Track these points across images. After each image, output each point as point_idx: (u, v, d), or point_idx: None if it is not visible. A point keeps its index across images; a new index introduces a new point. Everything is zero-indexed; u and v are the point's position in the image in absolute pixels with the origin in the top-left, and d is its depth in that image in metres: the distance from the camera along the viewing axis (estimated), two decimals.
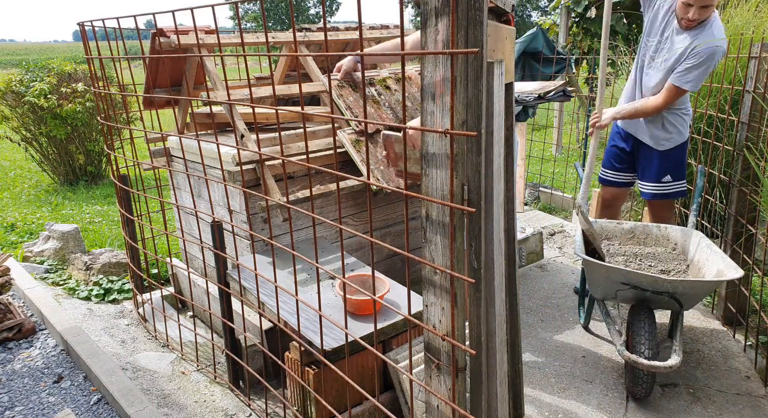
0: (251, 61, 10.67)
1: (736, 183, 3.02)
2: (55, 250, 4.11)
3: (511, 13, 1.70)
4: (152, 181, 5.33)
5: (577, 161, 3.51)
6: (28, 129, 6.36)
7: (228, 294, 2.51)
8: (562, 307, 3.38)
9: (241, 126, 2.75)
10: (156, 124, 5.02)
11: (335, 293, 2.37)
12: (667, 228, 2.95)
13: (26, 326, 3.19)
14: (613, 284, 2.55)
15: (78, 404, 2.62)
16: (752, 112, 2.92)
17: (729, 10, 3.84)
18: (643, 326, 2.46)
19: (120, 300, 3.61)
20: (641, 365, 2.31)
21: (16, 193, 6.40)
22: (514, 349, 2.04)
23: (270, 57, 2.15)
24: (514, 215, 1.87)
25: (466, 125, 1.23)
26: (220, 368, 2.83)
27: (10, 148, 8.57)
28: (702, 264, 2.67)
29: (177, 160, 3.25)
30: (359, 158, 2.82)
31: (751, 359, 2.79)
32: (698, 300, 2.51)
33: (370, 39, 3.50)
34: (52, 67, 6.51)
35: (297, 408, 2.27)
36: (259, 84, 3.53)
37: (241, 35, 1.90)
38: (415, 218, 3.23)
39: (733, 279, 2.36)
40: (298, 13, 48.06)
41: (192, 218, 3.27)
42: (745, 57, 3.03)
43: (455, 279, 1.28)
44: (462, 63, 1.20)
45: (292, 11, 1.41)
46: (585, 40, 7.18)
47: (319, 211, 2.93)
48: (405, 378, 2.17)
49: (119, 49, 2.60)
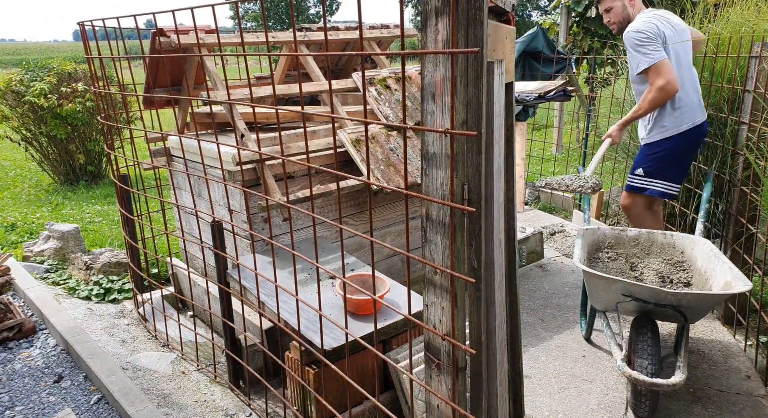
0: (251, 60, 10.67)
1: (737, 183, 3.02)
2: (55, 250, 4.11)
3: (511, 12, 1.70)
4: (152, 181, 5.33)
5: (579, 165, 3.50)
6: (28, 129, 6.36)
7: (228, 294, 2.51)
8: (562, 307, 3.38)
9: (241, 126, 2.75)
10: (156, 123, 5.02)
11: (335, 293, 2.37)
12: (674, 235, 2.82)
13: (26, 325, 3.19)
14: (613, 296, 2.43)
15: (78, 403, 2.62)
16: (752, 112, 2.92)
17: (728, 9, 3.84)
18: (646, 340, 2.33)
19: (120, 300, 3.61)
20: (642, 383, 2.20)
21: (16, 193, 6.40)
22: (514, 349, 2.04)
23: (270, 57, 2.15)
24: (514, 215, 1.86)
25: (466, 125, 1.23)
26: (220, 367, 2.83)
27: (10, 147, 8.56)
28: (709, 275, 2.53)
29: (177, 160, 3.25)
30: (359, 158, 2.82)
31: (751, 359, 2.79)
32: (704, 313, 2.39)
33: (370, 39, 3.50)
34: (52, 66, 6.51)
35: (297, 408, 2.27)
36: (259, 84, 3.53)
37: (241, 35, 1.90)
38: (415, 218, 3.23)
39: (741, 292, 2.23)
40: (298, 12, 48.05)
41: (192, 218, 3.27)
42: (745, 57, 3.03)
43: (455, 279, 1.28)
44: (462, 62, 1.20)
45: (292, 11, 1.41)
46: (585, 40, 7.18)
47: (319, 211, 2.93)
48: (405, 378, 2.17)
49: (119, 49, 2.60)
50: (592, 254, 2.88)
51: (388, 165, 2.90)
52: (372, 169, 2.84)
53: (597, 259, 2.84)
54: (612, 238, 2.94)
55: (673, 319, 2.45)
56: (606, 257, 2.86)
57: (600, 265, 2.77)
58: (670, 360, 2.56)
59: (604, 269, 2.73)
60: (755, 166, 2.84)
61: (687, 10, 4.29)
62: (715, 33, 3.56)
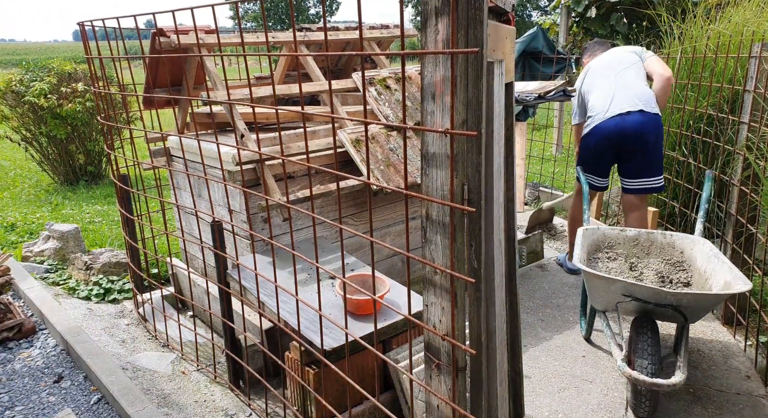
0: (251, 61, 10.67)
1: (737, 183, 3.02)
2: (55, 250, 4.11)
3: (511, 12, 1.70)
4: (152, 181, 5.33)
5: (579, 166, 3.50)
6: (28, 129, 6.36)
7: (228, 294, 2.51)
8: (562, 307, 3.38)
9: (241, 126, 2.75)
10: (156, 124, 5.02)
11: (335, 293, 2.37)
12: (673, 235, 2.83)
13: (26, 325, 3.19)
14: (613, 296, 2.43)
15: (78, 403, 2.62)
16: (752, 112, 2.92)
17: (730, 9, 3.84)
18: (646, 340, 2.33)
19: (120, 300, 3.61)
20: (642, 383, 2.20)
21: (16, 193, 6.40)
22: (514, 349, 2.04)
23: (270, 57, 2.15)
24: (514, 215, 1.86)
25: (466, 125, 1.23)
26: (220, 367, 2.83)
27: (10, 148, 8.57)
28: (709, 275, 2.53)
29: (177, 160, 3.25)
30: (359, 158, 2.82)
31: (751, 359, 2.79)
32: (704, 313, 2.39)
33: (370, 39, 3.50)
34: (52, 66, 6.51)
35: (297, 408, 2.27)
36: (259, 84, 3.53)
37: (241, 35, 1.90)
38: (415, 218, 3.23)
39: (741, 292, 2.23)
40: (298, 12, 48.04)
41: (192, 218, 3.27)
42: (745, 57, 3.03)
43: (455, 279, 1.28)
44: (462, 63, 1.20)
45: (292, 11, 1.41)
46: (585, 40, 7.18)
47: (319, 211, 2.93)
48: (405, 378, 2.17)
49: (119, 49, 2.60)
50: (592, 254, 2.88)
51: (388, 165, 2.90)
52: (372, 170, 2.84)
53: (597, 259, 2.85)
54: (612, 238, 2.94)
55: (673, 319, 2.45)
56: (606, 257, 2.86)
57: (600, 265, 2.78)
58: (670, 360, 2.56)
59: (604, 268, 2.73)
60: (755, 167, 2.84)
61: (688, 10, 4.29)
62: (717, 33, 3.56)
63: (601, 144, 3.31)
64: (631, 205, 3.39)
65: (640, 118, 3.17)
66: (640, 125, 3.17)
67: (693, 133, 3.64)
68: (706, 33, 3.83)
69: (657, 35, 5.16)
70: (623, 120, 3.19)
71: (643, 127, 3.17)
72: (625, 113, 3.19)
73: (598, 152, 3.37)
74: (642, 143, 3.20)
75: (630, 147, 3.24)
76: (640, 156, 3.24)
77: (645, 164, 3.26)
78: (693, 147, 3.76)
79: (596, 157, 3.39)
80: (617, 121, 3.21)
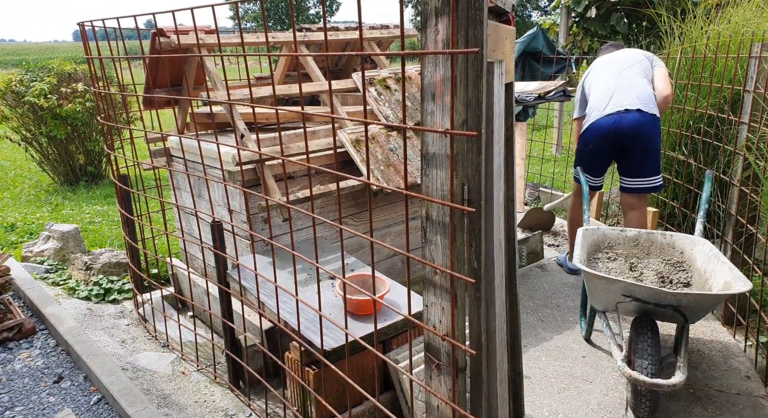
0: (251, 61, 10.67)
1: (737, 183, 3.02)
2: (55, 250, 4.11)
3: (511, 13, 1.70)
4: (152, 181, 5.33)
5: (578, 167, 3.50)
6: (28, 129, 6.36)
7: (228, 294, 2.51)
8: (562, 307, 3.38)
9: (241, 126, 2.75)
10: (156, 124, 5.02)
11: (335, 293, 2.37)
12: (673, 236, 2.83)
13: (26, 326, 3.19)
14: (613, 296, 2.43)
15: (78, 404, 2.62)
16: (752, 113, 2.92)
17: (729, 9, 3.84)
18: (646, 340, 2.33)
19: (120, 300, 3.61)
20: (642, 383, 2.20)
21: (16, 194, 6.40)
22: (514, 349, 2.04)
23: (270, 57, 2.15)
24: (514, 215, 1.87)
25: (466, 125, 1.23)
26: (220, 368, 2.83)
27: (10, 148, 8.57)
28: (709, 275, 2.53)
29: (177, 160, 3.25)
30: (359, 158, 2.82)
31: (751, 359, 2.79)
32: (704, 313, 2.39)
33: (370, 39, 3.50)
34: (52, 67, 6.51)
35: (297, 408, 2.27)
36: (259, 84, 3.53)
37: (241, 35, 1.90)
38: (415, 218, 3.23)
39: (741, 292, 2.23)
40: (298, 13, 48.05)
41: (192, 218, 3.27)
42: (746, 57, 3.03)
43: (455, 279, 1.28)
44: (462, 63, 1.20)
45: (292, 11, 1.41)
46: (585, 40, 7.19)
47: (319, 211, 2.93)
48: (405, 378, 2.17)
49: (119, 49, 2.60)
50: (592, 254, 2.88)
51: (388, 165, 2.90)
52: (372, 170, 2.84)
53: (597, 259, 2.85)
54: (612, 238, 2.94)
55: (673, 319, 2.45)
56: (606, 257, 2.86)
57: (600, 265, 2.78)
58: (670, 360, 2.56)
59: (604, 269, 2.73)
60: (755, 167, 2.84)
61: (688, 10, 4.30)
62: (716, 33, 3.57)
63: (598, 141, 3.32)
64: (630, 204, 3.39)
65: (638, 118, 3.17)
66: (637, 124, 3.17)
67: (693, 133, 3.64)
68: (706, 33, 3.84)
69: (657, 35, 5.16)
70: (621, 118, 3.20)
71: (641, 127, 3.17)
72: (624, 111, 3.19)
73: (594, 150, 3.37)
74: (639, 142, 3.20)
75: (627, 145, 3.24)
76: (638, 155, 3.24)
77: (643, 164, 3.26)
78: (693, 147, 3.76)
79: (593, 154, 3.40)
80: (615, 119, 3.22)
